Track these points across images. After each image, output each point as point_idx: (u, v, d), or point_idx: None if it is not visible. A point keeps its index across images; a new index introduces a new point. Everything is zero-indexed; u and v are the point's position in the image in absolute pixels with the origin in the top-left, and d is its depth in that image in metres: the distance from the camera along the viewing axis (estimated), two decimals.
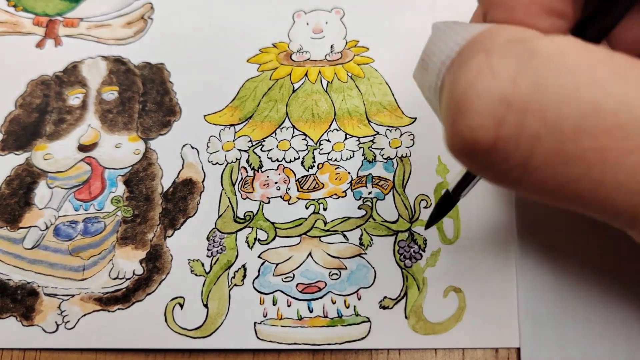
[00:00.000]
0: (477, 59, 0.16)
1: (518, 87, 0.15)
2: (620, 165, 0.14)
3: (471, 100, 0.15)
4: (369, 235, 0.29)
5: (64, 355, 0.28)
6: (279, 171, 0.31)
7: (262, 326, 0.27)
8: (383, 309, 0.27)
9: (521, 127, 0.15)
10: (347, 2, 0.36)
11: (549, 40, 0.15)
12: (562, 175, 0.15)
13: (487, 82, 0.15)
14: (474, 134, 0.15)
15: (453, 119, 0.16)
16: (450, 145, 0.16)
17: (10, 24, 0.38)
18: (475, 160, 0.16)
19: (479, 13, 0.22)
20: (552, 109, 0.15)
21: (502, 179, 0.16)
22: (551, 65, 0.15)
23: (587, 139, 0.14)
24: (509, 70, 0.15)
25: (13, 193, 0.32)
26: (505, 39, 0.16)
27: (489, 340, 0.26)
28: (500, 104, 0.15)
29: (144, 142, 0.33)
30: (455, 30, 0.18)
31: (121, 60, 0.36)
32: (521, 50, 0.15)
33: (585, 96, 0.14)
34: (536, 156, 0.15)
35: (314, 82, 0.34)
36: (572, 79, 0.15)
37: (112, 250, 0.30)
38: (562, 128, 0.15)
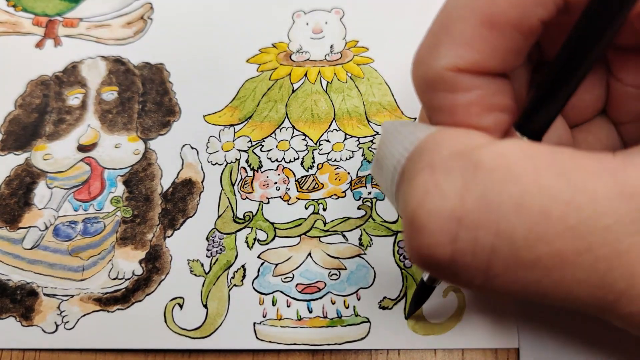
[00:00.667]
0: (423, 176, 0.16)
1: (466, 203, 0.15)
2: (578, 264, 0.15)
3: (423, 220, 0.16)
4: (368, 236, 0.29)
5: (63, 355, 0.28)
6: (278, 171, 0.31)
7: (261, 326, 0.27)
8: (382, 310, 0.27)
9: (475, 240, 0.15)
10: (347, 2, 0.36)
11: (491, 150, 0.16)
12: (523, 280, 0.15)
13: (436, 201, 0.15)
14: (430, 251, 0.16)
15: (409, 237, 0.16)
16: (411, 258, 0.17)
17: (10, 24, 0.38)
18: (437, 272, 0.17)
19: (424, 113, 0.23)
20: (502, 221, 0.15)
21: (468, 285, 0.17)
22: (495, 177, 0.15)
23: (541, 244, 0.15)
24: (454, 187, 0.15)
25: (13, 193, 0.32)
26: (448, 152, 0.16)
27: (489, 341, 0.26)
28: (451, 221, 0.15)
29: (144, 142, 0.33)
30: (403, 134, 0.18)
31: (121, 60, 0.36)
32: (465, 164, 0.16)
33: (532, 205, 0.15)
34: (494, 265, 0.15)
35: (313, 82, 0.34)
36: (518, 189, 0.15)
37: (112, 251, 0.30)
38: (514, 238, 0.15)
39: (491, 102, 0.18)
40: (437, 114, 0.19)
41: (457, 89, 0.18)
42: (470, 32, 0.17)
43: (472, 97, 0.18)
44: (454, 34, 0.17)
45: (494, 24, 0.17)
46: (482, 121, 0.18)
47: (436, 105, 0.18)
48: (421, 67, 0.18)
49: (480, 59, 0.17)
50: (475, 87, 0.18)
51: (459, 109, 0.18)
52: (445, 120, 0.18)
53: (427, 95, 0.19)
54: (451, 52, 0.17)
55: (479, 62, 0.17)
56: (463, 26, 0.17)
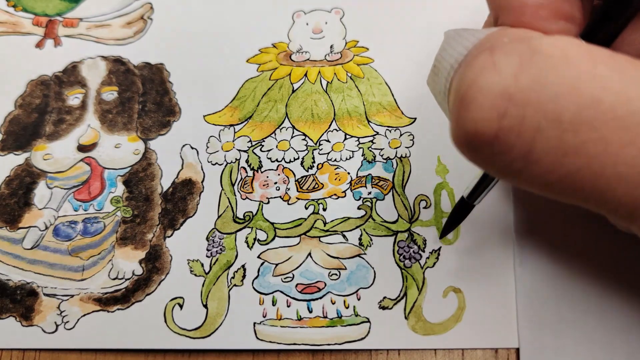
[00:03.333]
0: (482, 56, 0.16)
1: (519, 82, 0.15)
2: (620, 156, 0.15)
3: (474, 95, 0.16)
4: (368, 236, 0.29)
5: (63, 355, 0.28)
6: (278, 171, 0.31)
7: (261, 326, 0.27)
8: (382, 309, 0.27)
9: (522, 119, 0.15)
10: (347, 2, 0.36)
11: (551, 39, 0.16)
12: (563, 167, 0.15)
13: (490, 77, 0.16)
14: (477, 126, 0.16)
15: (457, 113, 0.17)
16: (455, 138, 0.17)
17: (10, 24, 0.38)
18: (479, 152, 0.17)
19: (489, 21, 0.23)
20: (552, 102, 0.15)
21: (505, 171, 0.17)
22: (552, 61, 0.15)
23: (587, 130, 0.15)
24: (511, 66, 0.16)
25: (12, 193, 0.32)
26: (509, 38, 0.17)
27: (489, 341, 0.26)
28: (502, 97, 0.15)
29: (144, 142, 0.33)
30: (464, 36, 0.19)
31: (121, 60, 0.36)
32: (524, 48, 0.16)
33: (584, 90, 0.15)
34: (537, 147, 0.15)
35: (313, 82, 0.34)
36: (572, 73, 0.15)
37: (112, 251, 0.30)
38: (562, 120, 0.15)
39: (559, 8, 0.18)
40: (506, 13, 0.19)
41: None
42: None
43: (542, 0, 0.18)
44: None
45: None
46: (548, 26, 0.18)
47: (505, 4, 0.19)
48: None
49: None
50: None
51: (528, 9, 0.18)
52: (513, 21, 0.18)
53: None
54: None
55: None
56: None
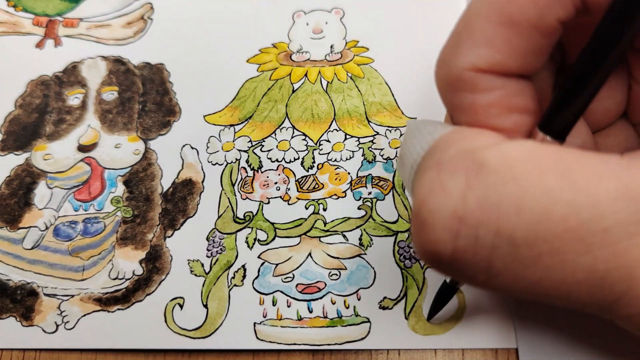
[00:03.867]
0: (430, 174, 0.17)
1: (467, 203, 0.15)
2: (577, 265, 0.15)
3: (426, 217, 0.16)
4: (368, 236, 0.29)
5: (63, 355, 0.28)
6: (278, 171, 0.31)
7: (261, 326, 0.27)
8: (383, 310, 0.27)
9: (475, 239, 0.16)
10: (347, 2, 0.36)
11: (496, 150, 0.16)
12: (524, 279, 0.16)
13: (439, 199, 0.16)
14: (433, 247, 0.16)
15: (414, 231, 0.17)
16: (417, 253, 0.17)
17: (10, 24, 0.38)
18: (441, 267, 0.17)
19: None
20: (502, 220, 0.15)
21: (471, 282, 0.17)
22: (497, 177, 0.15)
23: (541, 244, 0.15)
24: (458, 186, 0.16)
25: (13, 193, 0.32)
26: (455, 150, 0.17)
27: (489, 341, 0.26)
28: (453, 219, 0.16)
29: (144, 142, 0.33)
30: (422, 133, 0.19)
31: (121, 60, 0.36)
32: (469, 163, 0.16)
33: (533, 205, 0.15)
34: (495, 263, 0.16)
35: (313, 82, 0.34)
36: (519, 190, 0.15)
37: (112, 251, 0.30)
38: (515, 237, 0.15)
39: (511, 103, 0.18)
40: (458, 113, 0.19)
41: (477, 90, 0.18)
42: (490, 32, 0.17)
43: (492, 98, 0.18)
44: (474, 33, 0.18)
45: (512, 23, 0.17)
46: (502, 122, 0.18)
47: (457, 105, 0.19)
48: (443, 66, 0.19)
49: (500, 58, 0.17)
50: (496, 88, 0.18)
51: (479, 109, 0.18)
52: (466, 120, 0.18)
53: (448, 95, 0.19)
54: (471, 52, 0.18)
55: (499, 62, 0.17)
56: (483, 25, 0.17)
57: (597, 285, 0.15)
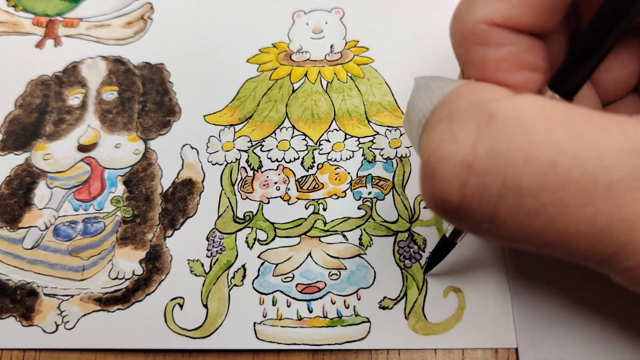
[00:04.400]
0: (441, 125, 0.17)
1: (477, 152, 0.16)
2: (579, 216, 0.15)
3: (436, 165, 0.17)
4: (368, 236, 0.29)
5: (63, 355, 0.28)
6: (278, 171, 0.31)
7: (261, 326, 0.27)
8: (383, 309, 0.27)
9: (483, 187, 0.16)
10: (347, 2, 0.36)
11: (506, 103, 0.16)
12: (527, 227, 0.16)
13: (449, 148, 0.16)
14: (441, 195, 0.17)
15: (423, 180, 0.17)
16: (424, 200, 0.18)
17: (10, 24, 0.38)
18: (447, 215, 0.18)
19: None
20: (510, 170, 0.16)
21: (475, 230, 0.18)
22: (507, 128, 0.16)
23: (546, 194, 0.15)
24: (468, 136, 0.16)
25: (13, 193, 0.32)
26: (466, 102, 0.17)
27: (489, 341, 0.26)
28: (462, 168, 0.16)
29: (144, 142, 0.33)
30: (432, 88, 0.19)
31: (121, 60, 0.36)
32: (480, 115, 0.16)
33: (540, 156, 0.15)
34: (501, 212, 0.16)
35: (313, 82, 0.34)
36: (527, 140, 0.15)
37: (112, 251, 0.30)
38: (521, 186, 0.16)
39: (522, 60, 0.18)
40: (469, 67, 0.19)
41: (490, 43, 0.18)
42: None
43: (503, 53, 0.18)
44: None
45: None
46: (512, 78, 0.18)
47: (468, 59, 0.19)
48: (458, 20, 0.19)
49: (514, 14, 0.18)
50: (508, 43, 0.18)
51: (489, 63, 0.18)
52: (476, 75, 0.19)
53: (461, 49, 0.19)
54: (487, 6, 0.18)
55: (513, 17, 0.18)
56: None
57: (597, 237, 0.15)
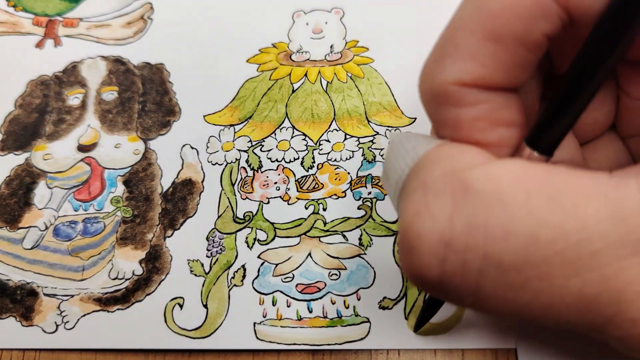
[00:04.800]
0: (416, 195, 0.16)
1: (454, 227, 0.15)
2: (566, 288, 0.15)
3: (413, 241, 0.16)
4: (368, 236, 0.29)
5: (63, 355, 0.28)
6: (278, 171, 0.31)
7: (261, 326, 0.27)
8: (383, 310, 0.27)
9: (463, 263, 0.15)
10: (347, 2, 0.36)
11: (482, 171, 0.16)
12: (513, 302, 0.15)
13: (425, 223, 0.16)
14: (420, 272, 0.16)
15: (401, 255, 0.17)
16: (405, 274, 0.17)
17: (10, 24, 0.38)
18: (429, 290, 0.17)
19: None
20: (490, 245, 0.15)
21: (459, 303, 0.17)
22: (484, 200, 0.15)
23: (529, 268, 0.15)
24: (444, 210, 0.15)
25: (12, 193, 0.32)
26: (440, 171, 0.16)
27: (489, 341, 0.26)
28: (439, 244, 0.15)
29: (144, 142, 0.33)
30: (406, 148, 0.18)
31: (121, 60, 0.36)
32: (455, 185, 0.16)
33: (520, 229, 0.15)
34: (483, 286, 0.16)
35: (313, 82, 0.34)
36: (506, 213, 0.15)
37: (112, 251, 0.30)
38: (502, 261, 0.15)
39: (497, 117, 0.18)
40: (443, 128, 0.18)
41: (462, 104, 0.17)
42: (474, 46, 0.17)
43: (477, 112, 0.18)
44: (459, 47, 0.17)
45: (498, 38, 0.17)
46: (487, 136, 0.18)
47: (441, 120, 0.18)
48: (427, 80, 0.18)
49: (485, 73, 0.17)
50: (480, 102, 0.18)
51: (463, 123, 0.18)
52: (451, 135, 0.18)
53: (432, 109, 0.19)
54: (456, 66, 0.17)
55: (484, 76, 0.17)
56: (468, 40, 0.17)
57: (586, 308, 0.15)
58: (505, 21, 0.16)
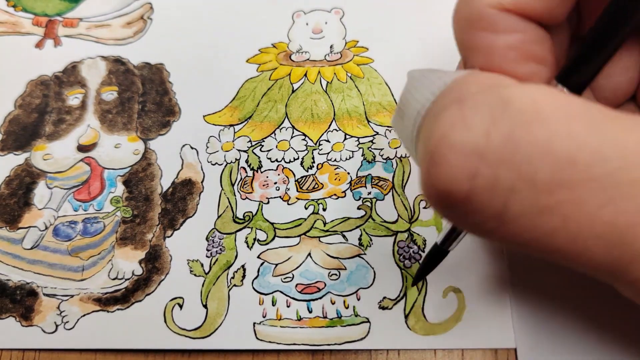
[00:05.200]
0: (451, 109, 0.16)
1: (491, 140, 0.15)
2: (597, 217, 0.14)
3: (444, 152, 0.15)
4: (368, 236, 0.29)
5: (63, 355, 0.28)
6: (278, 171, 0.31)
7: (261, 326, 0.27)
8: (382, 310, 0.27)
9: (495, 179, 0.15)
10: (347, 2, 0.36)
11: (522, 89, 0.15)
12: (539, 228, 0.15)
13: (460, 134, 0.15)
14: (448, 186, 0.15)
15: (427, 169, 0.16)
16: (425, 193, 0.16)
17: (9, 24, 0.38)
18: (450, 210, 0.16)
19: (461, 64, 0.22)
20: (525, 162, 0.14)
21: (479, 229, 0.16)
22: (524, 117, 0.15)
23: (562, 191, 0.14)
24: (482, 123, 0.15)
25: (12, 193, 0.32)
26: (478, 87, 0.16)
27: (489, 341, 0.26)
28: (473, 156, 0.15)
29: (144, 142, 0.33)
30: (431, 79, 0.18)
31: (120, 60, 0.36)
32: (494, 100, 0.15)
33: (559, 149, 0.14)
34: (511, 208, 0.15)
35: (313, 82, 0.34)
36: (546, 132, 0.14)
37: (112, 251, 0.30)
38: (536, 180, 0.14)
39: (530, 50, 0.18)
40: (474, 54, 0.18)
41: (498, 29, 0.17)
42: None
43: (511, 40, 0.17)
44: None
45: None
46: (519, 69, 0.18)
47: (474, 45, 0.18)
48: (465, 4, 0.18)
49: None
50: (516, 30, 0.17)
51: (496, 50, 0.17)
52: (481, 63, 0.18)
53: (466, 35, 0.18)
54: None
55: (524, 1, 0.17)
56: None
57: (614, 241, 0.14)
58: None
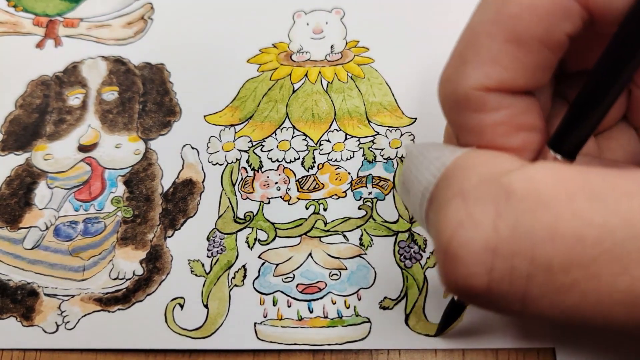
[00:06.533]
0: (455, 205, 0.16)
1: (500, 233, 0.15)
2: (613, 287, 0.15)
3: (457, 251, 0.16)
4: (369, 236, 0.29)
5: (64, 355, 0.28)
6: (279, 171, 0.31)
7: (262, 326, 0.27)
8: (383, 310, 0.27)
9: (511, 269, 0.15)
10: (347, 2, 0.36)
11: (521, 176, 0.15)
12: (561, 304, 0.15)
13: (469, 232, 0.15)
14: (466, 282, 0.16)
15: (444, 268, 0.16)
16: (446, 287, 0.17)
17: (10, 24, 0.38)
18: (473, 300, 0.16)
19: (450, 130, 0.22)
20: (537, 249, 0.15)
21: (505, 312, 0.16)
22: (527, 205, 0.15)
23: (577, 269, 0.15)
24: (488, 217, 0.15)
25: (13, 193, 0.32)
26: (478, 178, 0.16)
27: (489, 341, 0.26)
28: (486, 252, 0.15)
29: (144, 143, 0.33)
30: (429, 159, 0.18)
31: (121, 60, 0.36)
32: (496, 191, 0.15)
33: (566, 230, 0.15)
34: (531, 291, 0.15)
35: (314, 82, 0.34)
36: (550, 216, 0.15)
37: (112, 251, 0.30)
38: (551, 264, 0.15)
39: (519, 122, 0.18)
40: (465, 134, 0.18)
41: (485, 109, 0.17)
42: (496, 50, 0.17)
43: (500, 117, 0.18)
44: (481, 52, 0.17)
45: (519, 41, 0.17)
46: (511, 141, 0.18)
47: (464, 126, 0.18)
48: (448, 86, 0.18)
49: (508, 77, 0.17)
50: (503, 107, 0.17)
51: (486, 129, 0.18)
52: (473, 141, 0.18)
53: (454, 115, 0.18)
54: (478, 71, 0.17)
55: (507, 80, 0.17)
56: (489, 44, 0.17)
57: (635, 303, 0.15)
58: (526, 23, 0.16)
